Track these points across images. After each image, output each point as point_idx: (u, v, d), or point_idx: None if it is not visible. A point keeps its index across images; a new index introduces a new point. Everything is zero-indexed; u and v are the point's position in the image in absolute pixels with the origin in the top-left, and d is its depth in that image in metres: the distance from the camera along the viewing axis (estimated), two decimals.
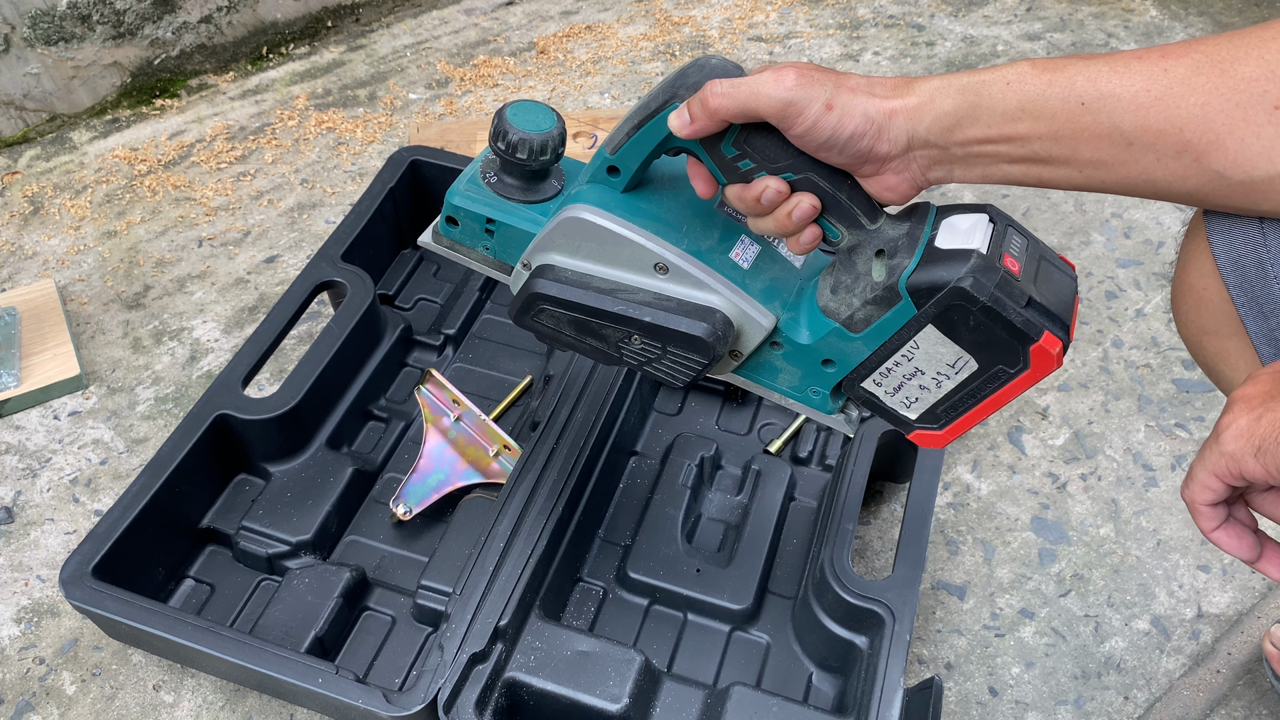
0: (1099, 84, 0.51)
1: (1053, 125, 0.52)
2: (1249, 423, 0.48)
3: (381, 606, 0.83)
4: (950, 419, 0.58)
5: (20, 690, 0.81)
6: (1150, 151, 0.51)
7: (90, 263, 1.14)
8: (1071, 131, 0.52)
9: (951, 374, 0.56)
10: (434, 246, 0.66)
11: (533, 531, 0.77)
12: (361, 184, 1.24)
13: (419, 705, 0.68)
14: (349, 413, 0.92)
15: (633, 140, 0.55)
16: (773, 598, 0.83)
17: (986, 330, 0.52)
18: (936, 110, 0.52)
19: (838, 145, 0.52)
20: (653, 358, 0.60)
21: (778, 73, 0.51)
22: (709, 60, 0.54)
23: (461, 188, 0.63)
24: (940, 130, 0.53)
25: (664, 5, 1.54)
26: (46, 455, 0.97)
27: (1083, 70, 0.52)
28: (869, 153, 0.53)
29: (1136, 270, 1.14)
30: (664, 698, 0.75)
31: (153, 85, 1.35)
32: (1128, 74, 0.51)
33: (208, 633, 0.71)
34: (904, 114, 0.53)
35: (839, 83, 0.52)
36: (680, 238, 0.58)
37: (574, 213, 0.57)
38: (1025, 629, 0.86)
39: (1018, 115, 0.52)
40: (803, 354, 0.59)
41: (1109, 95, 0.51)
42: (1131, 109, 0.51)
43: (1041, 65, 0.52)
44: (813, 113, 0.51)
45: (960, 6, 1.52)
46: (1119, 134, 0.51)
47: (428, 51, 1.45)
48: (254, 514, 0.85)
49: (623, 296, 0.58)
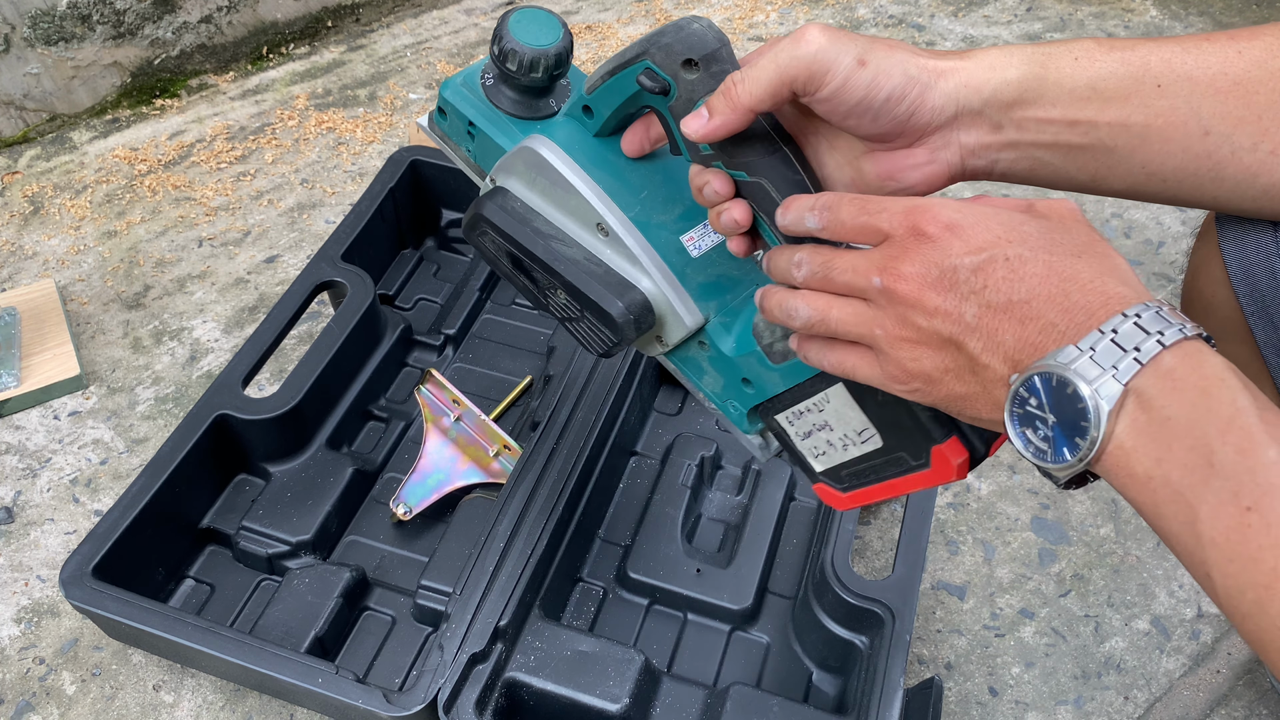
0: (1174, 65, 0.45)
1: (1124, 111, 0.46)
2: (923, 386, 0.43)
3: (381, 606, 0.83)
4: (853, 485, 0.53)
5: (20, 690, 0.81)
6: (1227, 143, 0.46)
7: (90, 263, 1.14)
8: (1144, 119, 0.46)
9: (857, 441, 0.51)
10: (428, 132, 0.63)
11: (533, 531, 0.77)
12: (361, 184, 1.24)
13: (419, 705, 0.68)
14: (349, 413, 0.92)
15: (605, 86, 0.51)
16: (773, 598, 0.83)
17: (893, 412, 0.48)
18: (999, 78, 0.45)
19: (871, 109, 0.45)
20: (573, 317, 0.56)
21: (796, 35, 0.44)
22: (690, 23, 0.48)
23: (457, 81, 0.60)
24: (1000, 104, 0.46)
25: (664, 5, 1.54)
26: (46, 455, 0.97)
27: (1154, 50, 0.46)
28: (907, 120, 0.46)
29: (1137, 270, 1.14)
30: (664, 698, 0.75)
31: (153, 85, 1.35)
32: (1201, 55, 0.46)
33: (208, 633, 0.71)
34: (956, 77, 0.45)
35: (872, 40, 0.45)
36: (633, 203, 0.53)
37: (533, 144, 0.53)
38: (1025, 629, 0.86)
39: (1087, 96, 0.46)
40: (725, 365, 0.55)
41: (1185, 78, 0.45)
42: (1210, 93, 0.45)
43: (1108, 43, 0.47)
44: (843, 69, 0.44)
45: (960, 6, 1.52)
46: (1196, 121, 0.46)
47: (428, 51, 1.45)
48: (254, 514, 0.85)
49: (557, 246, 0.54)
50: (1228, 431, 0.36)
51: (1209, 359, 0.38)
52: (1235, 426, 0.35)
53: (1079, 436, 0.38)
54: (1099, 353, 0.38)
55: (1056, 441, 0.39)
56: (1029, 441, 0.40)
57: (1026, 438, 0.40)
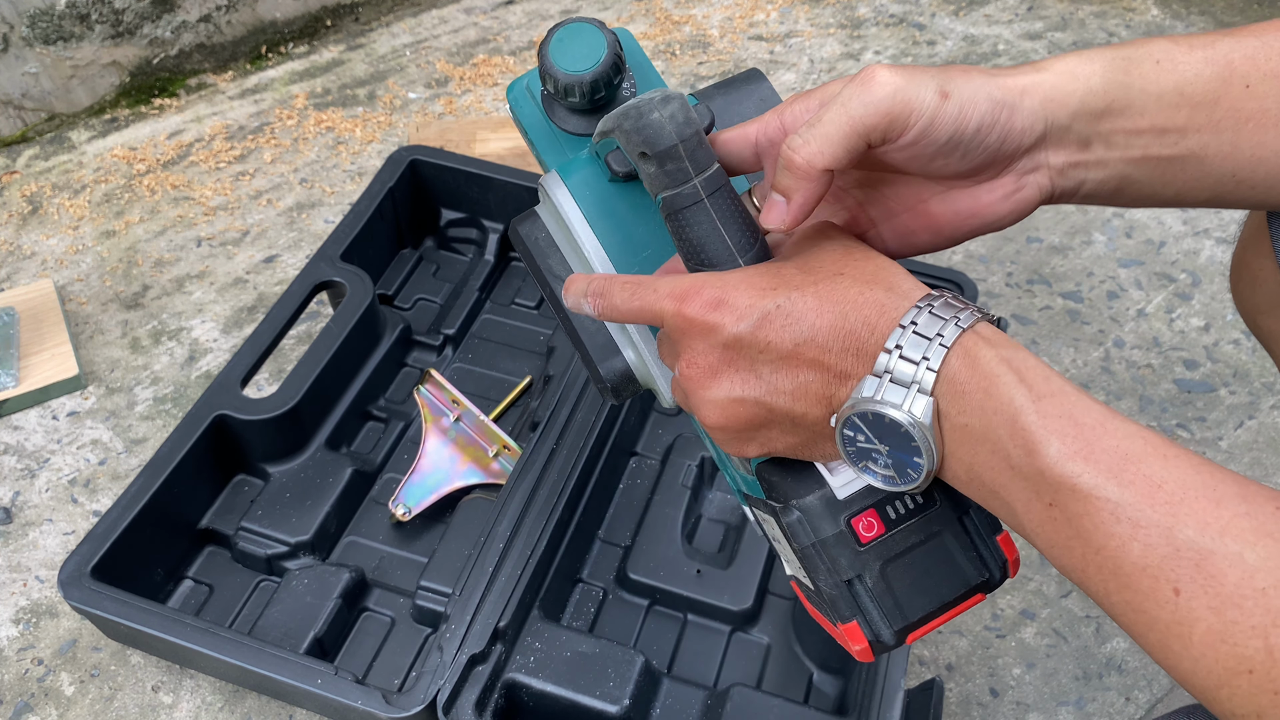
0: (1259, 63, 0.42)
1: (1214, 115, 0.43)
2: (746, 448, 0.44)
3: (381, 607, 0.83)
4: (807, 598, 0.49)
5: (19, 691, 0.81)
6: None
7: (89, 262, 1.14)
8: (1235, 122, 0.43)
9: (797, 568, 0.46)
10: (509, 111, 0.60)
11: (532, 532, 0.77)
12: (361, 183, 1.24)
13: (418, 706, 0.68)
14: (348, 413, 0.92)
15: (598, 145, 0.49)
16: (773, 598, 0.83)
17: (808, 562, 0.44)
18: (1084, 88, 0.42)
19: (962, 144, 0.41)
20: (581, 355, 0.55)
21: (862, 78, 0.40)
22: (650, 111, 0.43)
23: (522, 84, 0.57)
24: (1088, 115, 0.42)
25: (664, 4, 1.54)
26: (45, 455, 0.96)
27: (1236, 47, 0.43)
28: (998, 149, 0.42)
29: (1138, 270, 1.14)
30: (664, 699, 0.75)
31: (151, 85, 1.35)
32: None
33: (207, 633, 0.71)
34: (1040, 91, 0.42)
35: (944, 69, 0.42)
36: (632, 264, 0.50)
37: (549, 183, 0.51)
38: (1026, 630, 0.85)
39: (1176, 102, 0.43)
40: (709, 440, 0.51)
41: (1272, 75, 0.42)
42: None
43: (1185, 42, 0.43)
44: (927, 106, 0.40)
45: (961, 5, 1.52)
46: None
47: (427, 51, 1.44)
48: (253, 514, 0.84)
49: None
50: (1013, 433, 0.36)
51: (983, 352, 0.38)
52: (1018, 427, 0.36)
53: (916, 456, 0.39)
54: (896, 373, 0.38)
55: (899, 466, 0.40)
56: (876, 474, 0.41)
57: (873, 471, 0.41)
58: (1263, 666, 0.32)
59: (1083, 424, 0.36)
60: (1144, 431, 0.36)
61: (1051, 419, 0.36)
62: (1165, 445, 0.35)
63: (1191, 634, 0.33)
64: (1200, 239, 1.17)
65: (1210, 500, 0.34)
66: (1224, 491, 0.34)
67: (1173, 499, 0.34)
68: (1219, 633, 0.33)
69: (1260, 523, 0.33)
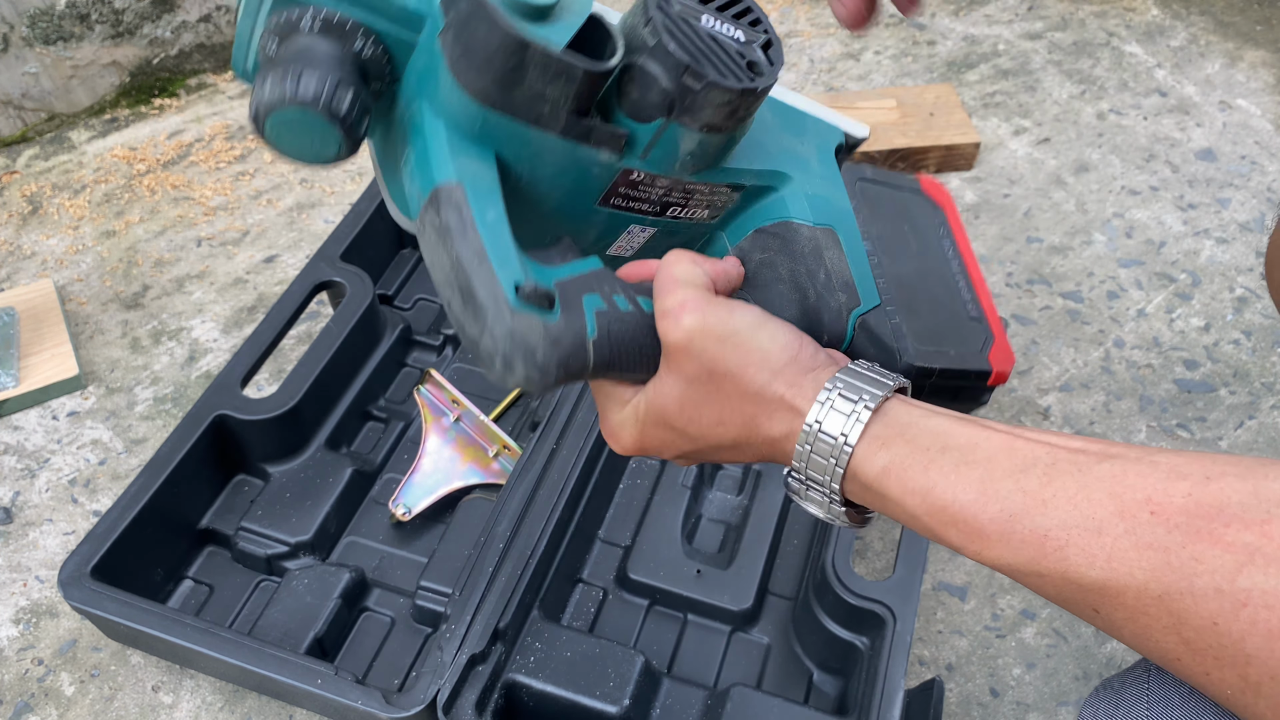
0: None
1: None
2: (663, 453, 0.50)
3: (381, 607, 0.83)
4: None
5: (19, 691, 0.81)
6: None
7: (89, 262, 1.14)
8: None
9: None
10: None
11: (532, 532, 0.77)
12: (361, 183, 1.24)
13: (418, 706, 0.68)
14: (348, 413, 0.92)
15: None
16: (773, 599, 0.83)
17: None
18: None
19: None
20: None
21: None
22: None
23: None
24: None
25: None
26: (45, 456, 0.96)
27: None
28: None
29: (1138, 270, 1.14)
30: (664, 699, 0.75)
31: (151, 85, 1.35)
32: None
33: (207, 634, 0.71)
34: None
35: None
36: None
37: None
38: (1026, 630, 0.85)
39: None
40: None
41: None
42: None
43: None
44: None
45: (961, 5, 1.52)
46: None
47: None
48: (253, 514, 0.84)
49: None
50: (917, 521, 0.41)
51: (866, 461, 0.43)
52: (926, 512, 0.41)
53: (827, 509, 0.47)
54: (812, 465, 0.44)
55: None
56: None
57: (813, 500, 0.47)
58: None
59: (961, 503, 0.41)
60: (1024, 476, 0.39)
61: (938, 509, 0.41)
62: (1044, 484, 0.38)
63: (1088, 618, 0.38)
64: (1200, 239, 1.17)
65: (1091, 532, 0.36)
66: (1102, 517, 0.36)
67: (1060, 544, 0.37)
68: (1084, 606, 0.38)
69: (1139, 538, 0.35)
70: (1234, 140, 1.28)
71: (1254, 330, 1.07)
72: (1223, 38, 1.43)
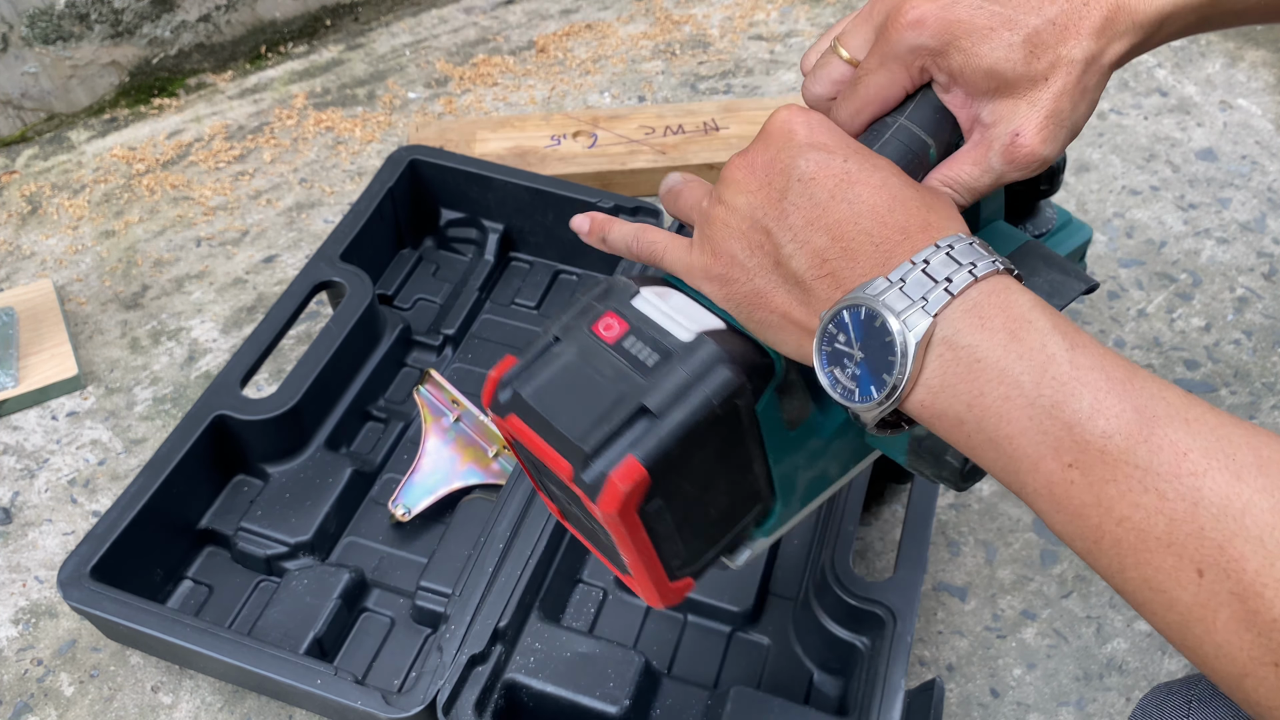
0: None
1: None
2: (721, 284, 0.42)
3: (380, 608, 0.83)
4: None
5: (18, 691, 0.81)
6: None
7: (88, 262, 1.14)
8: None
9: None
10: None
11: (532, 532, 0.77)
12: (360, 183, 1.24)
13: (418, 707, 0.68)
14: (348, 413, 0.92)
15: None
16: (773, 599, 0.82)
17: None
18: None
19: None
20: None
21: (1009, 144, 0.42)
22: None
23: None
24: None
25: (664, 4, 1.53)
26: (44, 456, 0.96)
27: None
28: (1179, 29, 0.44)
29: (1139, 270, 1.14)
30: (664, 699, 0.75)
31: (151, 84, 1.35)
32: None
33: (206, 634, 0.71)
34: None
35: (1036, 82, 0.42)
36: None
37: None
38: (1027, 630, 0.85)
39: None
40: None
41: None
42: None
43: None
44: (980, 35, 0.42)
45: None
46: None
47: (427, 50, 1.44)
48: (252, 515, 0.84)
49: None
50: (1041, 381, 0.34)
51: (1016, 296, 0.37)
52: (1048, 376, 0.34)
53: (885, 373, 0.37)
54: (909, 284, 0.37)
55: (862, 380, 0.38)
56: (836, 381, 0.39)
57: (834, 377, 0.39)
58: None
59: (1113, 378, 0.34)
60: (1166, 389, 0.34)
61: (1084, 370, 0.34)
62: (1187, 405, 0.34)
63: (1215, 619, 0.32)
64: (1201, 239, 1.17)
65: (1231, 473, 0.32)
66: (1243, 461, 0.32)
67: (1197, 470, 0.32)
68: (1243, 620, 0.31)
69: (1276, 500, 0.31)
70: (1235, 140, 1.28)
71: (1255, 330, 1.07)
72: (1223, 37, 1.43)
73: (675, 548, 0.47)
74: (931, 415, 0.37)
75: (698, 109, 1.25)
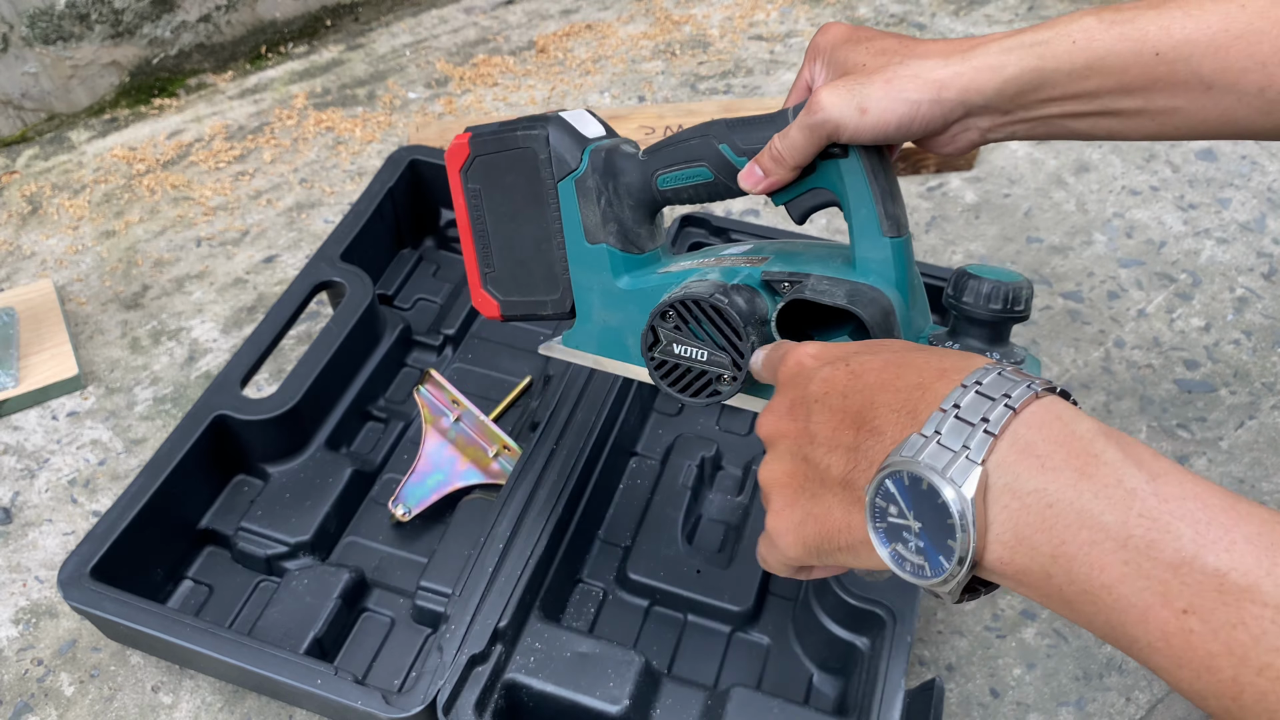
0: (1173, 31, 0.48)
1: (1124, 79, 0.49)
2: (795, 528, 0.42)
3: (380, 608, 0.83)
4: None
5: (18, 691, 0.81)
6: (1231, 93, 0.48)
7: (88, 262, 1.14)
8: (1145, 83, 0.48)
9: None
10: None
11: (532, 532, 0.77)
12: (360, 183, 1.24)
13: (418, 706, 0.68)
14: (348, 413, 0.92)
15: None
16: (773, 599, 0.82)
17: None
18: (999, 78, 0.49)
19: (889, 136, 0.51)
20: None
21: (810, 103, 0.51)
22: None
23: None
24: (1005, 97, 0.50)
25: (664, 4, 1.54)
26: (44, 456, 0.96)
27: (1155, 19, 0.48)
28: (924, 131, 0.52)
29: (1138, 270, 1.14)
30: (664, 699, 0.75)
31: (151, 85, 1.35)
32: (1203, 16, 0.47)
33: (206, 634, 0.71)
34: (959, 83, 0.50)
35: (871, 77, 0.50)
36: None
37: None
38: (1027, 630, 0.85)
39: (1086, 74, 0.49)
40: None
41: (1184, 41, 0.47)
42: (1210, 52, 0.47)
43: (1109, 18, 0.49)
44: (850, 123, 0.50)
45: (961, 5, 1.52)
46: (1197, 80, 0.48)
47: (427, 50, 1.44)
48: (252, 515, 0.84)
49: None
50: (1128, 520, 0.31)
51: (1071, 425, 0.33)
52: (1134, 514, 0.31)
53: (949, 539, 0.34)
54: (945, 435, 0.34)
55: (929, 552, 0.35)
56: (903, 559, 0.36)
57: (900, 555, 0.36)
58: None
59: (1210, 505, 0.30)
60: (1271, 513, 0.30)
61: (1173, 502, 0.31)
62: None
63: None
64: (1201, 239, 1.17)
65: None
66: None
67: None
68: None
69: None
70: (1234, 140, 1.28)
71: (1254, 330, 1.07)
72: None
73: (487, 253, 0.65)
74: (1014, 573, 0.34)
75: (698, 109, 1.25)
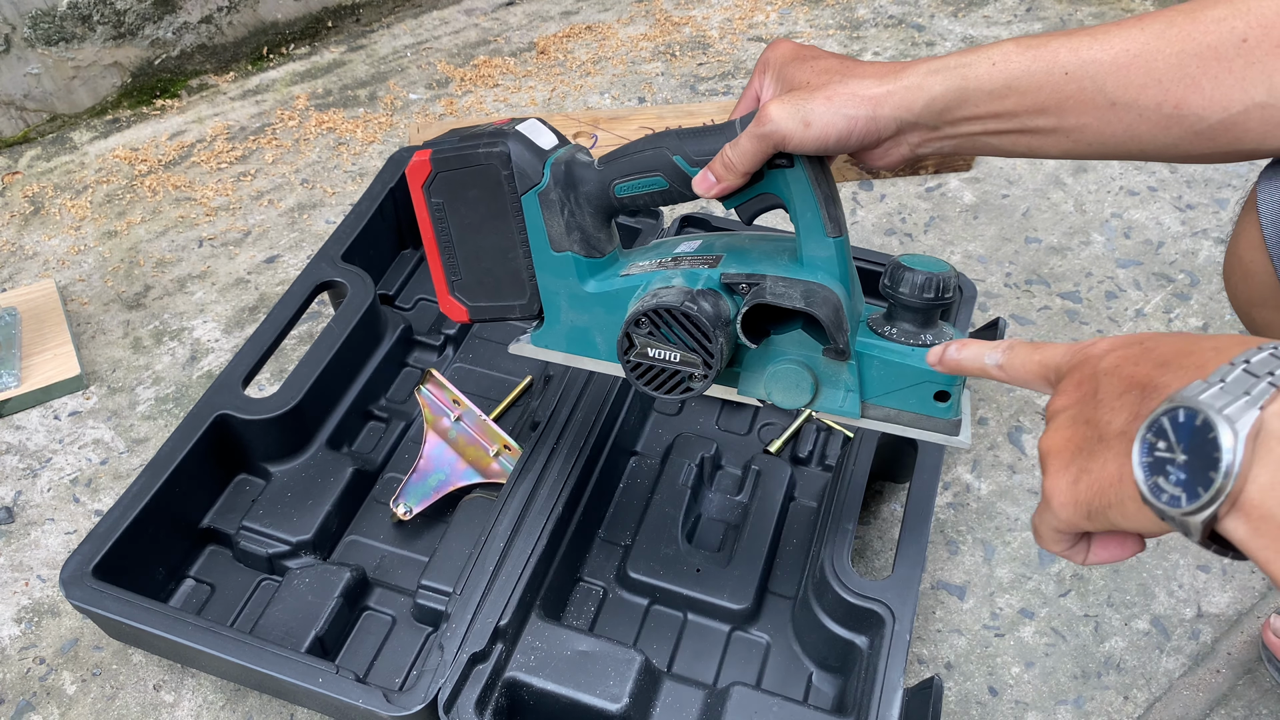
0: (1080, 53, 0.53)
1: (1038, 98, 0.54)
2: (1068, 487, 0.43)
3: (382, 606, 0.83)
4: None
5: (21, 690, 0.81)
6: (1133, 110, 0.53)
7: (91, 263, 1.14)
8: (1056, 101, 0.54)
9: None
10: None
11: (532, 531, 0.77)
12: (362, 184, 1.24)
13: (419, 705, 0.68)
14: (349, 413, 0.92)
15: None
16: (773, 597, 0.83)
17: None
18: (926, 96, 0.55)
19: (829, 148, 0.57)
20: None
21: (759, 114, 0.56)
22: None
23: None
24: (931, 114, 0.56)
25: (664, 5, 1.54)
26: (47, 455, 0.97)
27: (1065, 42, 0.53)
28: (860, 144, 0.57)
29: (1136, 270, 1.14)
30: (664, 697, 0.75)
31: (153, 85, 1.35)
32: (1107, 39, 0.53)
33: (208, 632, 0.71)
34: (891, 101, 0.56)
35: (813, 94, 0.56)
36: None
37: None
38: (1025, 629, 0.86)
39: (1004, 93, 0.54)
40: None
41: (1090, 61, 0.53)
42: (1113, 70, 0.52)
43: (1026, 43, 0.54)
44: (795, 134, 0.56)
45: (960, 6, 1.52)
46: (1102, 96, 0.53)
47: (428, 51, 1.45)
48: (254, 514, 0.85)
49: None
50: None
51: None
52: None
53: (1211, 470, 0.36)
54: (1230, 382, 0.36)
55: (1188, 484, 0.37)
56: (1160, 490, 0.38)
57: (1158, 487, 0.38)
58: None
59: None
60: None
61: None
62: None
63: None
64: (1198, 239, 1.17)
65: None
66: None
67: None
68: None
69: None
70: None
71: None
72: None
73: (453, 262, 0.67)
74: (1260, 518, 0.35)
75: (697, 110, 1.25)
